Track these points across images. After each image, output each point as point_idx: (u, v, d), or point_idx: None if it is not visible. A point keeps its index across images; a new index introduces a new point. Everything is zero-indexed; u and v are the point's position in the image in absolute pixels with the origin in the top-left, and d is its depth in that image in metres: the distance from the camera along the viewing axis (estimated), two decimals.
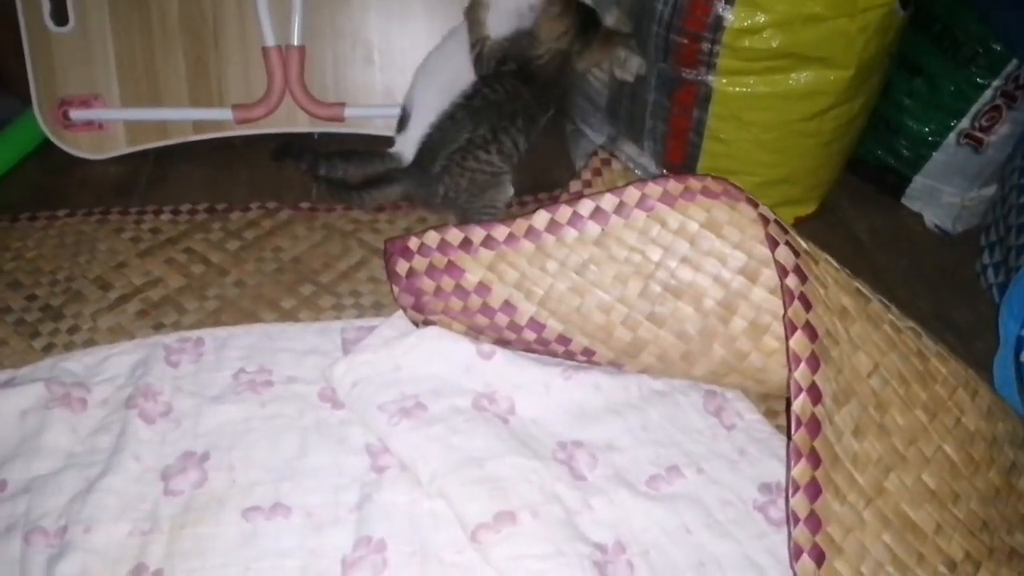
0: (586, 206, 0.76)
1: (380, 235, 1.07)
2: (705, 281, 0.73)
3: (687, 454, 0.79)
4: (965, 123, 1.11)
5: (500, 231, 0.79)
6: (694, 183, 0.73)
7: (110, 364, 0.85)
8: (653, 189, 0.74)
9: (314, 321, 0.92)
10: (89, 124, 1.22)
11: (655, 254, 0.75)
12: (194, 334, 0.89)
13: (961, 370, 0.73)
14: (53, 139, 1.22)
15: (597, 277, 0.76)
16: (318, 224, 1.09)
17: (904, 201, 1.19)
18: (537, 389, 0.81)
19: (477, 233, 0.79)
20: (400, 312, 0.87)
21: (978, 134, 1.10)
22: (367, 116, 1.24)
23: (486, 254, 0.79)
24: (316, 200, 1.13)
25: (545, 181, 1.18)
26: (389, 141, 1.17)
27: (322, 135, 1.27)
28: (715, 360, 0.76)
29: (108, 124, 1.22)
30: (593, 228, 0.76)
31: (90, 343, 0.89)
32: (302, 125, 1.24)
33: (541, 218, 0.77)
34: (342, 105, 1.23)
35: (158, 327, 0.91)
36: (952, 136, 1.12)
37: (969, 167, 1.13)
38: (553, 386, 0.82)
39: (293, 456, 0.76)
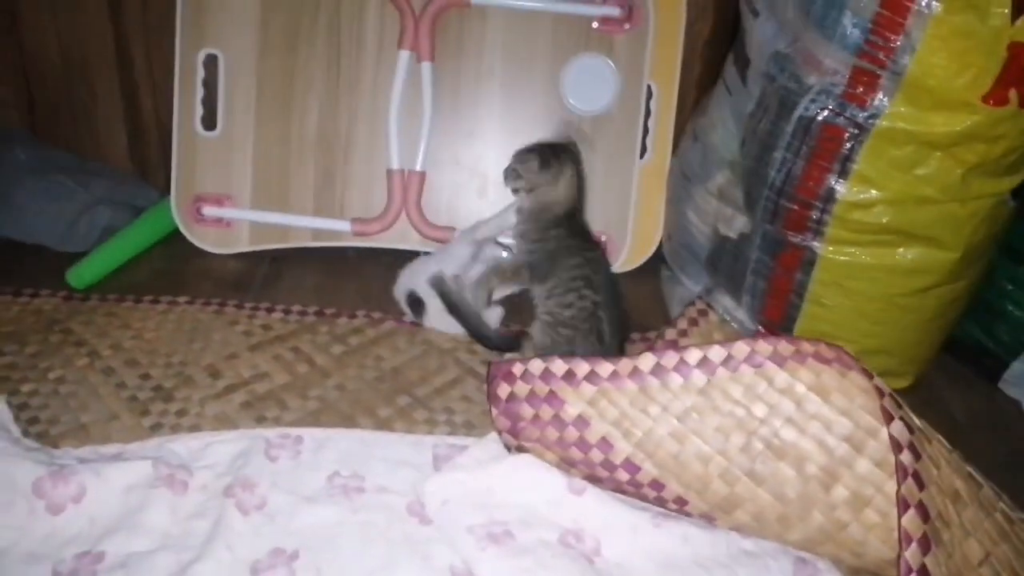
0: (694, 355, 0.78)
1: (475, 356, 1.10)
2: (809, 445, 0.73)
3: None
4: None
5: (604, 367, 0.81)
6: (806, 346, 0.74)
7: (213, 451, 0.88)
8: (763, 347, 0.75)
9: (408, 433, 0.95)
10: (218, 221, 1.31)
11: (760, 411, 0.75)
12: (294, 432, 0.92)
13: None
14: (184, 231, 1.31)
15: (698, 426, 0.77)
16: (418, 339, 1.13)
17: (1001, 385, 1.17)
18: (625, 532, 0.81)
19: (581, 367, 0.82)
20: (493, 435, 0.89)
21: None
22: None
23: (588, 388, 0.81)
24: None
25: (637, 323, 1.21)
26: None
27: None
28: (812, 527, 0.75)
29: (235, 222, 1.31)
30: (699, 377, 0.77)
31: (196, 428, 0.93)
32: (413, 243, 1.31)
33: (647, 360, 0.80)
34: (452, 230, 1.30)
35: (260, 420, 0.95)
36: None
37: None
38: (641, 531, 0.81)
39: (378, 567, 0.76)
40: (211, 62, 1.30)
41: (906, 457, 0.64)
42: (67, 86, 1.47)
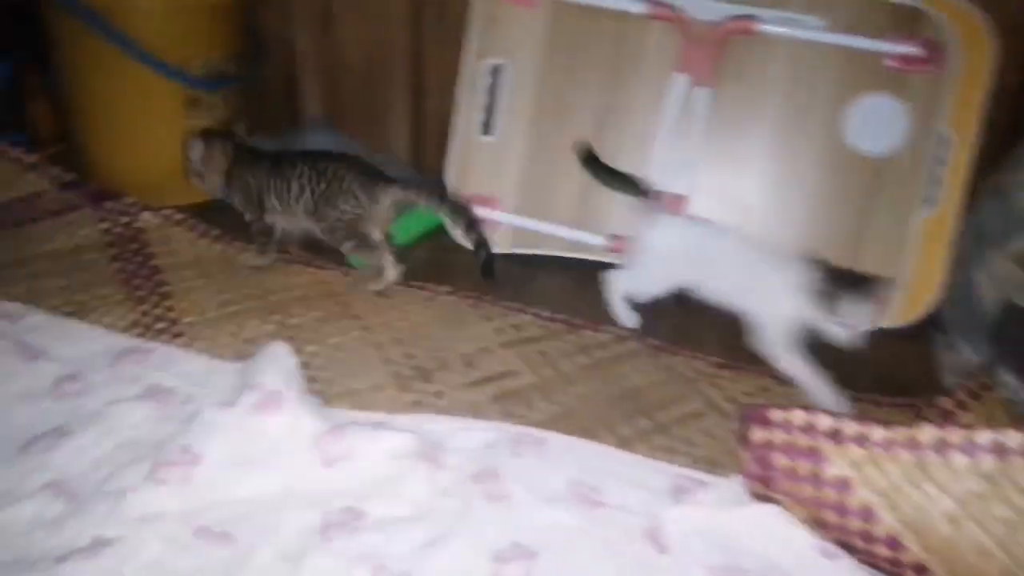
0: (984, 436, 0.71)
1: (720, 390, 1.08)
2: None
3: None
4: None
5: (877, 432, 0.76)
6: None
7: (465, 436, 0.94)
8: None
9: (647, 457, 0.94)
10: (483, 221, 1.38)
11: None
12: (540, 433, 0.95)
13: None
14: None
15: (981, 515, 0.70)
16: (662, 363, 1.13)
17: None
18: None
19: (850, 426, 0.77)
20: (737, 477, 0.87)
21: None
22: None
23: (855, 450, 0.76)
24: (663, 340, 1.18)
25: (897, 383, 1.12)
26: None
27: None
28: None
29: (498, 224, 1.38)
30: (989, 461, 0.70)
31: (449, 411, 0.99)
32: None
33: (928, 433, 0.74)
34: None
35: (507, 415, 0.99)
36: None
37: None
38: None
39: None
40: (496, 71, 1.37)
41: None
42: (365, 85, 1.63)
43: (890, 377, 1.13)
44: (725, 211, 1.29)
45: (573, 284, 1.32)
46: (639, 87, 1.32)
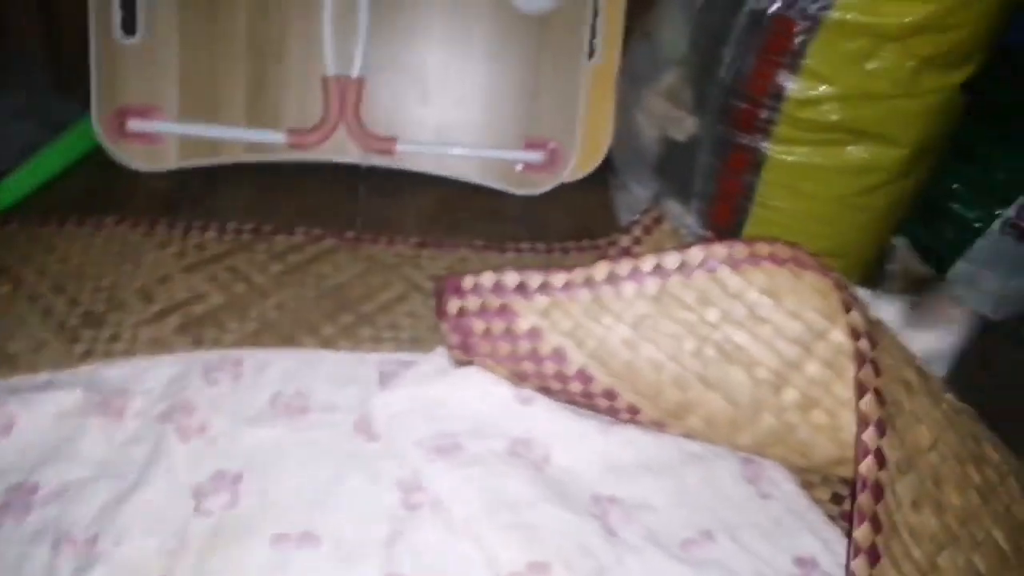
0: (648, 262, 0.76)
1: (422, 271, 1.07)
2: (760, 349, 0.73)
3: (721, 520, 0.77)
4: (1011, 212, 1.11)
5: (558, 278, 0.78)
6: (762, 248, 0.73)
7: (149, 376, 0.85)
8: (718, 251, 0.74)
9: (352, 351, 0.92)
10: (144, 135, 1.23)
11: (712, 316, 0.74)
12: (233, 353, 0.89)
13: (1012, 459, 0.72)
14: (107, 147, 1.23)
15: (651, 334, 0.75)
16: (361, 255, 1.09)
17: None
18: (574, 440, 0.80)
19: (534, 278, 0.79)
20: (441, 349, 0.87)
21: (1023, 224, 1.10)
22: (418, 152, 1.26)
23: (542, 300, 0.79)
24: (360, 231, 1.14)
25: (584, 230, 1.19)
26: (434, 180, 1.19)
27: (370, 168, 1.27)
28: (762, 430, 0.75)
29: (162, 137, 1.24)
30: (653, 284, 0.76)
31: (129, 353, 0.88)
32: (352, 156, 1.26)
33: (601, 269, 0.77)
34: (394, 140, 1.25)
35: (198, 343, 0.91)
36: (997, 224, 1.12)
37: (1011, 256, 1.13)
38: (590, 438, 0.81)
39: (325, 486, 0.74)
40: None
41: (863, 344, 0.64)
42: None
43: (579, 226, 1.19)
44: (403, 88, 1.26)
45: (258, 190, 1.23)
46: None
